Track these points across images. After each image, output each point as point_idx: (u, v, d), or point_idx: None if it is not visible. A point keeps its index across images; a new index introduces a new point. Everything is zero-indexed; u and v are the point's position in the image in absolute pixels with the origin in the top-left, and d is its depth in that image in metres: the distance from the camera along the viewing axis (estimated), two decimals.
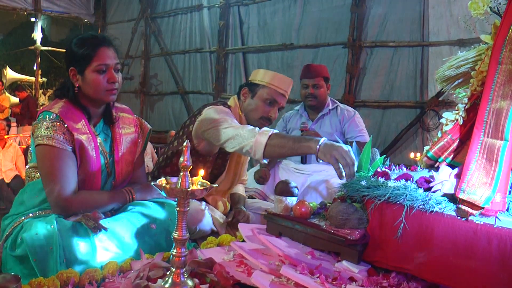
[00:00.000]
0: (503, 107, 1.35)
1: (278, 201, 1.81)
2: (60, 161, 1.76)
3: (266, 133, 2.00)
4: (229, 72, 6.64)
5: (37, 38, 9.03)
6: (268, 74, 2.42)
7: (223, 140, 2.12)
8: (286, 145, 1.94)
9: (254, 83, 2.42)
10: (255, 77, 2.44)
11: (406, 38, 4.72)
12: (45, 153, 1.77)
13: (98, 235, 1.67)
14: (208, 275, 1.36)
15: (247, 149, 2.03)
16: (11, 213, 1.84)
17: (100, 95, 1.86)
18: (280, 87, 2.38)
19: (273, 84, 2.37)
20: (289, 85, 2.43)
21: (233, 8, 6.56)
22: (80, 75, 1.85)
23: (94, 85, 1.83)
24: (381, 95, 4.95)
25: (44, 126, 1.77)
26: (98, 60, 1.82)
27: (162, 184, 1.22)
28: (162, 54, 7.96)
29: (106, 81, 1.84)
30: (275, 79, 2.39)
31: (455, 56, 1.74)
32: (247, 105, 2.43)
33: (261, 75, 2.42)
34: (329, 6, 5.38)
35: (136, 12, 8.43)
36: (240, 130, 2.07)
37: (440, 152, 1.69)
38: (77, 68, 1.84)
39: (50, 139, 1.76)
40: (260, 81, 2.40)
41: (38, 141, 1.77)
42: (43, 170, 1.78)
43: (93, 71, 1.82)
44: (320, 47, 5.46)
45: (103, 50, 1.84)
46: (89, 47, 1.82)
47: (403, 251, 1.42)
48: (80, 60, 1.83)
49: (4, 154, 5.49)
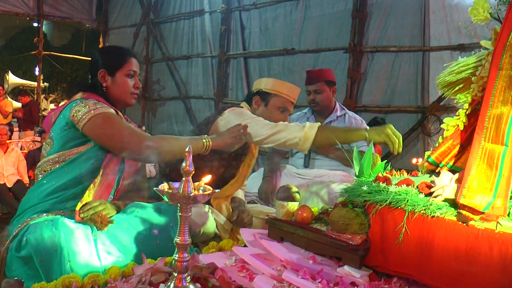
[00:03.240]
0: (503, 112, 1.36)
1: (280, 206, 1.81)
2: (119, 120, 1.95)
3: (314, 126, 2.20)
4: (230, 77, 6.66)
5: (39, 43, 9.06)
6: (278, 83, 2.58)
7: (266, 134, 2.23)
8: (336, 135, 2.15)
9: (265, 92, 2.55)
10: (264, 86, 2.58)
11: (407, 43, 4.73)
12: (102, 120, 1.89)
13: (99, 238, 1.69)
14: (210, 280, 1.36)
15: (295, 141, 2.19)
16: (17, 214, 1.86)
17: (125, 97, 2.09)
18: (290, 96, 2.56)
19: (284, 93, 2.55)
20: (297, 93, 2.61)
21: (234, 13, 6.58)
22: (110, 77, 2.04)
23: (123, 86, 2.07)
24: (382, 100, 4.95)
25: (83, 105, 1.91)
26: (129, 66, 2.07)
27: (164, 189, 1.22)
28: (164, 59, 7.98)
29: (133, 85, 2.09)
30: (286, 88, 2.56)
31: (455, 62, 1.74)
32: (261, 113, 2.53)
33: (271, 84, 2.57)
34: (330, 11, 5.39)
35: (138, 17, 8.46)
36: (284, 126, 2.24)
37: (441, 157, 1.69)
38: (108, 71, 2.04)
39: (97, 109, 1.90)
40: (272, 90, 2.55)
41: (88, 116, 1.87)
42: (110, 133, 1.89)
43: (124, 75, 2.06)
44: (321, 52, 5.47)
45: (133, 59, 2.11)
46: (122, 55, 2.09)
47: (405, 256, 1.42)
48: (112, 64, 2.06)
49: (6, 159, 5.50)
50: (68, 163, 1.89)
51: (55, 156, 1.92)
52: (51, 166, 1.91)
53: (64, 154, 1.91)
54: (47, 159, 1.93)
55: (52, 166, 1.91)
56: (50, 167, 1.91)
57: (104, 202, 1.84)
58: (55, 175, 1.88)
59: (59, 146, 1.93)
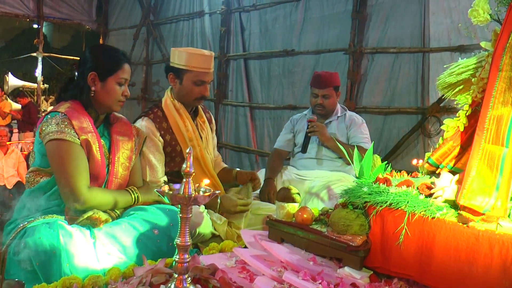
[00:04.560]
0: (503, 114, 1.36)
1: (280, 207, 1.81)
2: (73, 155, 1.82)
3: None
4: (230, 78, 6.65)
5: (39, 45, 9.07)
6: (185, 55, 2.48)
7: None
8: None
9: (176, 68, 2.50)
10: (177, 61, 2.51)
11: (407, 44, 4.72)
12: (58, 148, 1.81)
13: (99, 239, 1.69)
14: (210, 281, 1.36)
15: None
16: (14, 218, 1.86)
17: (112, 104, 2.00)
18: (202, 67, 2.48)
19: (196, 66, 2.47)
20: (210, 60, 2.53)
21: (234, 14, 6.58)
22: (100, 81, 1.95)
23: (112, 93, 1.98)
24: (382, 101, 4.95)
25: (54, 123, 1.83)
26: (122, 73, 1.99)
27: (164, 191, 1.22)
28: (164, 61, 7.97)
29: (122, 93, 2.01)
30: (195, 60, 2.47)
31: (455, 63, 1.75)
32: (179, 91, 2.54)
33: (179, 58, 2.49)
34: (330, 13, 5.38)
35: (138, 19, 8.45)
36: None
37: (441, 158, 1.70)
38: (98, 75, 1.95)
39: (61, 133, 1.81)
40: (182, 66, 2.48)
41: (49, 137, 1.80)
42: (56, 165, 1.82)
43: (115, 81, 1.98)
44: (321, 53, 5.46)
45: (127, 66, 2.03)
46: (116, 60, 2.00)
47: (405, 257, 1.43)
48: (105, 69, 1.95)
49: (6, 161, 5.51)
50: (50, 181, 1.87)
51: (36, 169, 1.92)
52: (34, 177, 1.91)
53: (44, 170, 1.90)
54: (31, 171, 1.94)
55: (36, 178, 1.90)
56: (34, 179, 1.91)
57: (95, 210, 1.83)
58: (41, 191, 1.87)
59: (39, 160, 1.91)
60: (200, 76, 2.48)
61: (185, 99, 2.55)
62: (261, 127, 6.03)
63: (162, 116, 2.54)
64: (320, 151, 3.21)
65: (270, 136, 5.85)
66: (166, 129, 2.51)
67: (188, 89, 2.51)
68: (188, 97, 2.53)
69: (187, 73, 2.48)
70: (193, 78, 2.48)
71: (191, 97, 2.53)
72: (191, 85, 2.49)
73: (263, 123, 6.00)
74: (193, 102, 2.56)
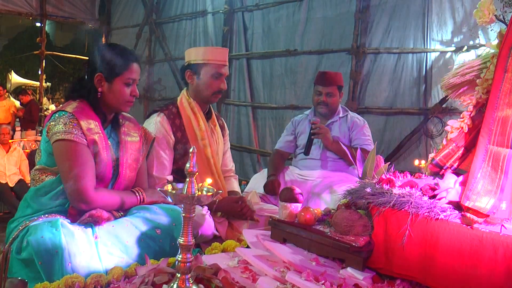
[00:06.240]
0: (509, 115, 1.35)
1: (283, 207, 1.81)
2: (80, 155, 1.81)
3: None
4: (233, 78, 6.64)
5: (42, 43, 9.08)
6: (202, 51, 2.60)
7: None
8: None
9: (193, 64, 2.56)
10: (194, 58, 2.57)
11: (410, 44, 4.72)
12: (65, 148, 1.80)
13: (101, 239, 1.69)
14: (213, 281, 1.36)
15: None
16: (17, 216, 1.86)
17: (120, 104, 1.97)
18: (219, 59, 2.54)
19: (213, 59, 2.52)
20: (225, 54, 2.60)
21: (237, 14, 6.57)
22: (107, 82, 1.93)
23: (119, 94, 1.95)
24: (384, 101, 4.94)
25: (62, 123, 1.82)
26: (129, 74, 1.95)
27: (168, 190, 1.22)
28: (166, 60, 7.97)
29: (130, 93, 1.97)
30: (212, 53, 2.54)
31: (460, 64, 1.74)
32: (196, 86, 2.56)
33: (196, 54, 2.57)
34: (333, 13, 5.38)
35: (141, 18, 8.45)
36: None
37: (445, 159, 1.69)
38: (105, 75, 1.92)
39: (68, 134, 1.80)
40: (200, 61, 2.53)
41: (56, 137, 1.80)
42: (63, 165, 1.81)
43: (122, 82, 1.94)
44: (324, 53, 5.46)
45: (135, 66, 1.98)
46: (123, 60, 1.95)
47: (408, 259, 1.42)
48: (111, 70, 1.92)
49: (9, 159, 5.50)
50: (55, 180, 1.86)
51: (42, 167, 1.91)
52: (39, 175, 1.90)
53: (49, 169, 1.89)
54: (36, 169, 1.93)
55: (41, 176, 1.90)
56: (39, 177, 1.90)
57: (98, 209, 1.83)
58: (46, 190, 1.86)
59: (45, 158, 1.90)
60: (217, 68, 2.52)
61: (203, 94, 2.55)
62: (263, 127, 6.03)
63: (176, 113, 2.55)
64: (323, 152, 3.20)
65: (272, 135, 5.85)
66: (178, 126, 2.51)
67: (206, 84, 2.52)
68: (206, 92, 2.54)
69: (205, 66, 2.52)
70: (211, 71, 2.51)
71: (209, 91, 2.54)
72: (209, 79, 2.52)
73: (265, 122, 6.00)
74: (211, 97, 2.57)
